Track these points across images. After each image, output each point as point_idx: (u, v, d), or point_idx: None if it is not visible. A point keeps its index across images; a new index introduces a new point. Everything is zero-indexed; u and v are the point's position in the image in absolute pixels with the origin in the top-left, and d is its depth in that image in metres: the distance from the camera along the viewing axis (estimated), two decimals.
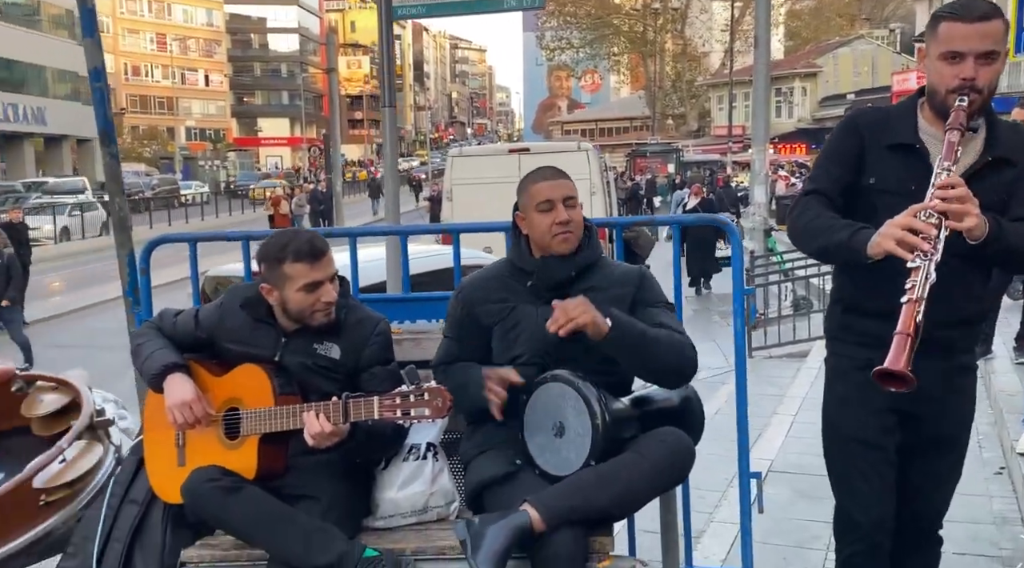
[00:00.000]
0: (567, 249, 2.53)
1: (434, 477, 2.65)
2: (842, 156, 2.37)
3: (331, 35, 36.88)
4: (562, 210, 2.51)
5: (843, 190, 2.35)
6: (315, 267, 2.50)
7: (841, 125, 2.48)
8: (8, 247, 12.44)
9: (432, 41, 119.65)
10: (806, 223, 2.31)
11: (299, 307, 2.53)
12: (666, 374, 2.50)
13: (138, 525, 2.63)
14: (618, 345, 2.37)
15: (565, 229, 2.51)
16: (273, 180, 44.24)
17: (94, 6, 3.69)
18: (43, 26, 42.41)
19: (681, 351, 2.46)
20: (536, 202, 2.52)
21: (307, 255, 2.49)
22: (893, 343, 1.94)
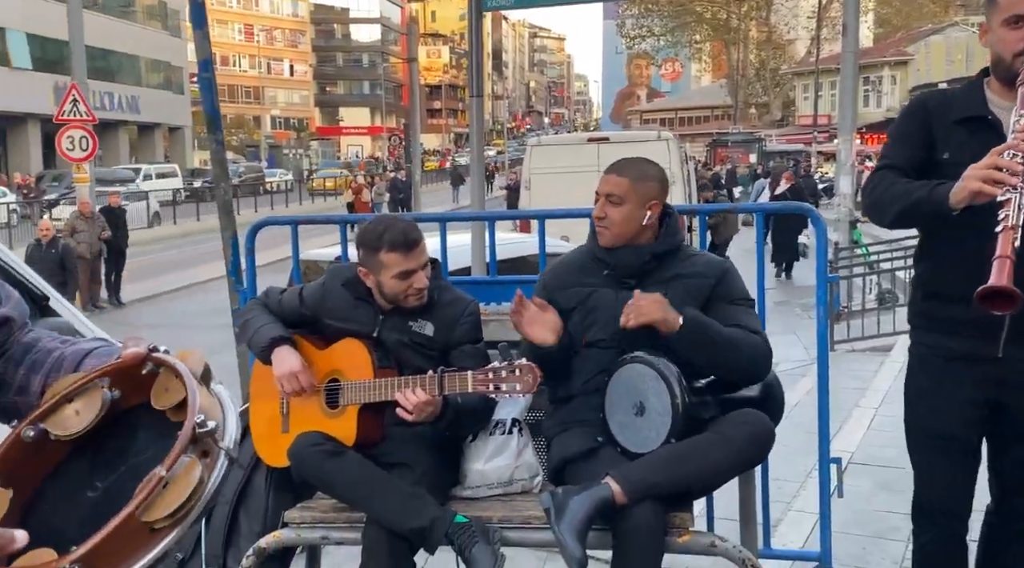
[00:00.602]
0: (603, 243, 2.63)
1: (519, 451, 2.76)
2: (911, 136, 2.37)
3: (412, 25, 37.30)
4: (600, 204, 2.61)
5: (916, 166, 2.33)
6: (408, 257, 2.63)
7: (907, 107, 2.48)
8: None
9: (511, 30, 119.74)
10: (882, 192, 2.30)
11: (393, 292, 2.67)
12: (737, 375, 2.56)
13: (243, 488, 2.81)
14: (688, 343, 2.45)
15: (600, 224, 2.62)
16: (333, 170, 44.57)
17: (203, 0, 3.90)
18: (137, 17, 43.95)
19: (754, 354, 2.51)
20: (597, 192, 2.63)
21: (401, 245, 2.62)
22: (994, 266, 1.90)
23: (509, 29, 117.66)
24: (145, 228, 24.14)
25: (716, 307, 2.58)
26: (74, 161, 14.07)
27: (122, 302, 14.13)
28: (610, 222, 2.61)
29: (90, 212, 13.51)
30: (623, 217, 2.59)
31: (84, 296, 13.36)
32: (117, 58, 41.44)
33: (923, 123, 2.36)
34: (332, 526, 2.59)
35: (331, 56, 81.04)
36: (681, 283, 2.58)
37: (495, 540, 2.43)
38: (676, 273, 2.61)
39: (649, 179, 2.62)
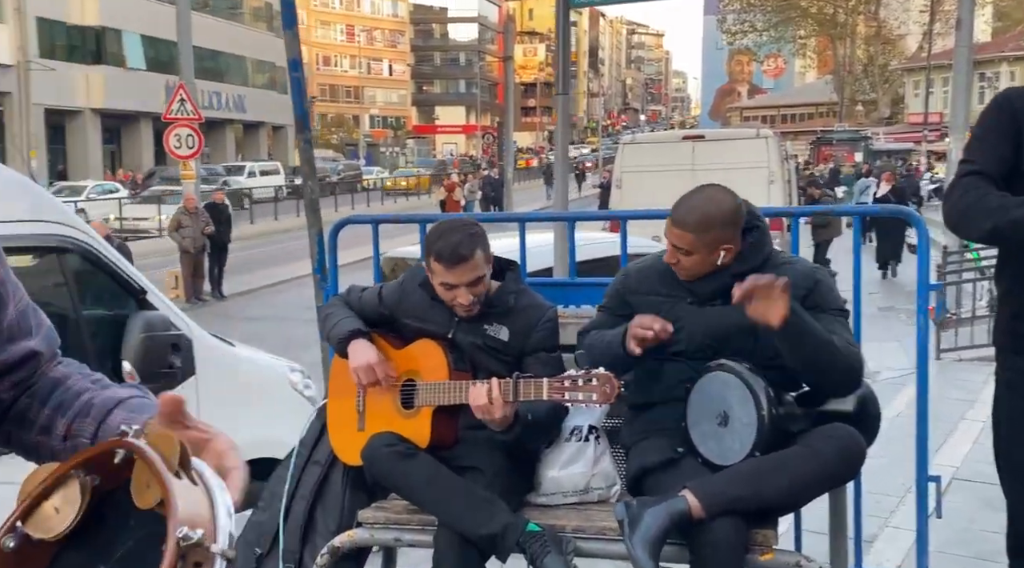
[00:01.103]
0: (681, 277, 2.52)
1: (596, 459, 2.69)
2: (1000, 134, 2.18)
3: (509, 23, 37.45)
4: (670, 252, 2.50)
5: (1006, 170, 2.14)
6: (451, 271, 2.57)
7: (992, 103, 2.28)
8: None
9: (608, 27, 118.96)
10: (971, 203, 2.12)
11: (442, 298, 2.64)
12: (831, 380, 2.43)
13: (320, 485, 2.83)
14: (792, 337, 2.31)
15: (673, 267, 2.51)
16: (410, 169, 45.05)
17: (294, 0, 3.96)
18: (244, 19, 45.49)
19: (849, 361, 2.38)
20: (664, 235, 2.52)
21: (446, 259, 2.57)
22: None
23: (606, 26, 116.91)
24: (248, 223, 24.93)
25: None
26: (180, 158, 14.62)
27: (224, 295, 14.62)
28: (683, 268, 2.51)
29: (194, 207, 14.01)
30: (694, 264, 2.48)
31: (188, 289, 13.87)
32: (225, 59, 42.96)
33: (1011, 122, 2.17)
34: (405, 528, 2.58)
35: (429, 55, 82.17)
36: None
37: (568, 550, 2.38)
38: None
39: (714, 226, 2.42)
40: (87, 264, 3.76)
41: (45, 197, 4.14)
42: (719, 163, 9.98)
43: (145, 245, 19.63)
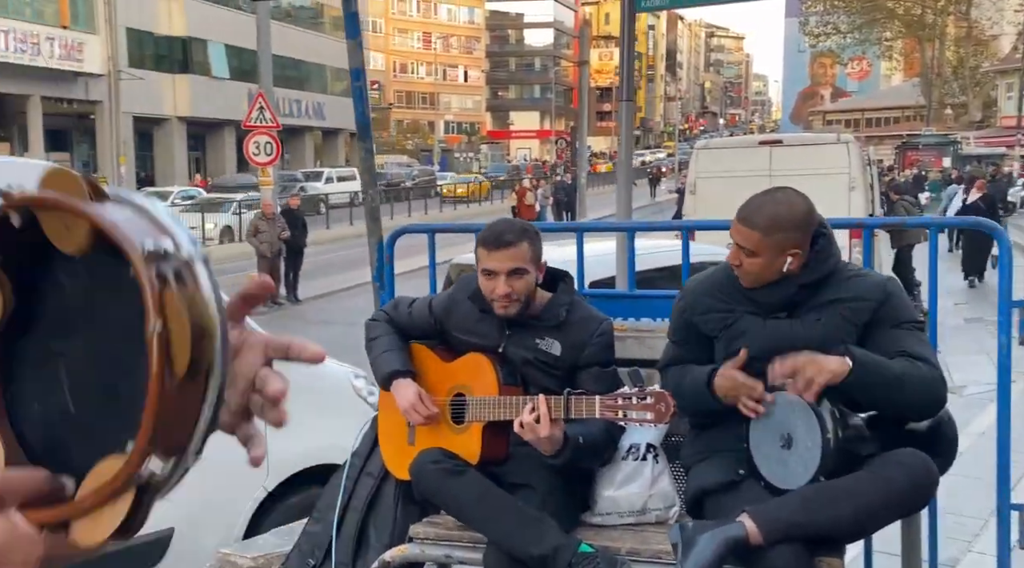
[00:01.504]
0: (744, 284, 2.42)
1: (654, 479, 2.61)
2: None
3: (584, 28, 37.37)
4: (733, 252, 2.39)
5: None
6: (491, 255, 2.53)
7: None
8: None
9: (687, 30, 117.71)
10: None
11: (484, 292, 2.58)
12: (909, 411, 2.31)
13: (373, 498, 2.81)
14: (855, 387, 2.21)
15: (736, 270, 2.41)
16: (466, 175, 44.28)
17: (357, 10, 3.97)
18: (325, 28, 46.39)
19: (927, 388, 2.25)
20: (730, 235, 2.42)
21: (488, 241, 2.54)
22: None
23: (684, 29, 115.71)
24: (324, 228, 25.39)
25: (879, 332, 2.33)
26: (259, 165, 14.95)
27: (299, 299, 14.89)
28: (745, 271, 2.39)
29: (272, 213, 14.31)
30: (759, 268, 2.35)
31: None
32: (306, 67, 43.91)
33: None
34: (456, 545, 2.53)
35: (504, 61, 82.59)
36: (838, 308, 2.35)
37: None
38: (833, 297, 2.36)
39: (783, 228, 2.30)
40: None
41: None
42: (797, 169, 9.70)
43: (226, 249, 20.16)
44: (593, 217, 27.71)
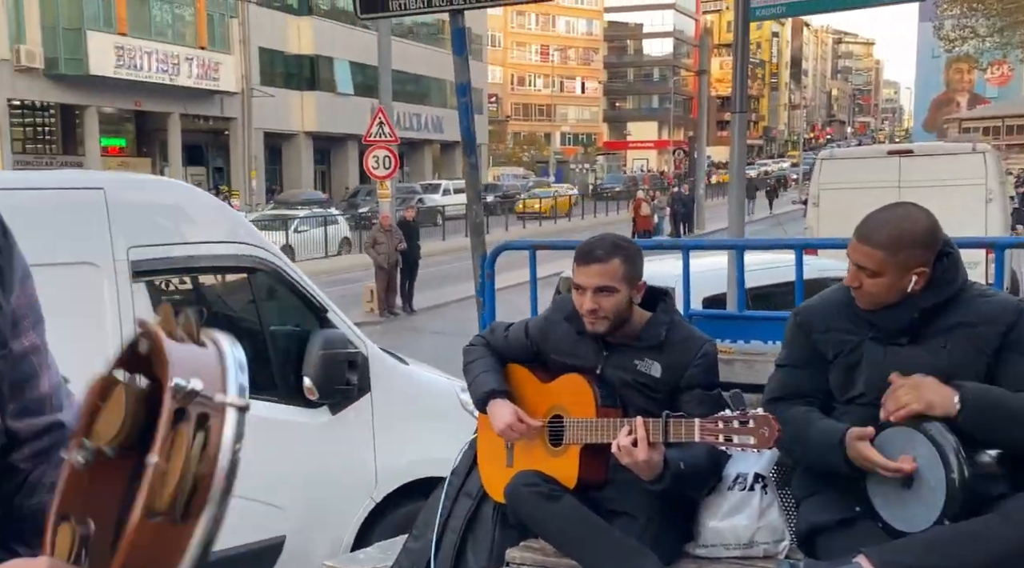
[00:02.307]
0: (861, 306, 2.26)
1: (762, 511, 2.48)
2: None
3: (705, 37, 36.76)
4: (852, 273, 2.23)
5: None
6: (580, 270, 2.48)
7: None
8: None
9: (813, 37, 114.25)
10: None
11: (576, 305, 2.52)
12: None
13: (471, 518, 2.78)
14: (976, 426, 2.05)
15: (855, 292, 2.26)
16: (546, 188, 41.37)
17: (464, 27, 3.98)
18: (445, 43, 47.30)
19: None
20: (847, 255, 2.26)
21: (579, 256, 2.49)
22: None
23: (811, 36, 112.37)
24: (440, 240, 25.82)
25: (1010, 359, 2.14)
26: (377, 178, 15.33)
27: (413, 309, 15.16)
28: (865, 293, 2.23)
29: (389, 225, 14.64)
30: (880, 289, 2.20)
31: (381, 303, 14.49)
32: (426, 82, 44.92)
33: None
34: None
35: (622, 72, 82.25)
36: (965, 332, 2.16)
37: None
38: (959, 321, 2.18)
39: (907, 246, 2.14)
40: (276, 283, 3.97)
41: (241, 221, 4.41)
42: (929, 180, 9.21)
43: (345, 260, 20.74)
44: (712, 230, 27.17)
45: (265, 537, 3.81)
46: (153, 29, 30.46)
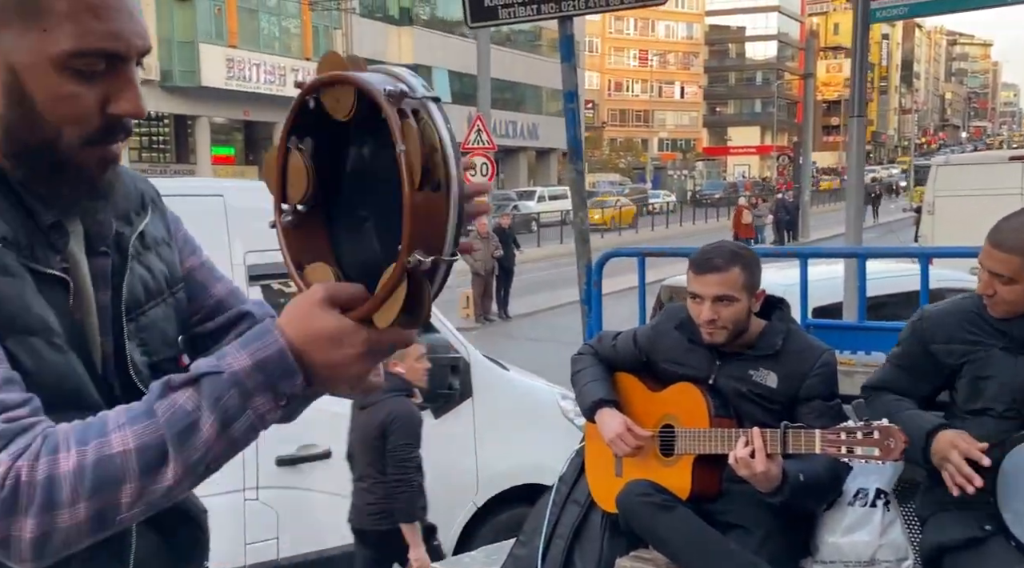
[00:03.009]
0: (994, 314, 2.19)
1: (884, 528, 2.40)
2: None
3: (811, 39, 35.87)
4: (986, 281, 2.15)
5: None
6: (697, 279, 2.45)
7: None
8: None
9: (925, 38, 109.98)
10: None
11: (692, 314, 2.48)
12: None
13: (579, 526, 2.76)
14: None
15: (988, 300, 2.19)
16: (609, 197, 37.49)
17: (573, 34, 3.98)
18: (543, 50, 47.49)
19: None
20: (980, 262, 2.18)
21: (697, 264, 2.46)
22: None
23: (923, 37, 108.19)
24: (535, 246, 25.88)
25: None
26: None
27: (509, 316, 15.23)
28: (1001, 300, 2.16)
29: (486, 232, 14.76)
30: (1016, 296, 2.14)
31: (477, 309, 14.61)
32: (522, 89, 45.16)
33: None
34: None
35: (723, 76, 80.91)
36: None
37: None
38: None
39: None
40: None
41: None
42: None
43: None
44: (817, 238, 26.38)
45: None
46: (261, 41, 31.57)
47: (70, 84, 0.97)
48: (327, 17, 33.80)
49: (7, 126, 0.99)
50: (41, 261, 1.00)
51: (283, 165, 0.94)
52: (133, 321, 1.09)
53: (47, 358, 0.97)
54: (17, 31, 0.95)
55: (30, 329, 0.96)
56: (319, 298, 0.90)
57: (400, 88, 0.87)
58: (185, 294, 1.20)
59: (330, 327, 0.89)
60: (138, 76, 1.03)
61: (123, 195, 1.13)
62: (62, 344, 0.99)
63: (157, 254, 1.16)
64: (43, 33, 0.94)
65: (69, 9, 0.94)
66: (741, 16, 79.04)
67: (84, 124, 0.99)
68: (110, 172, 1.05)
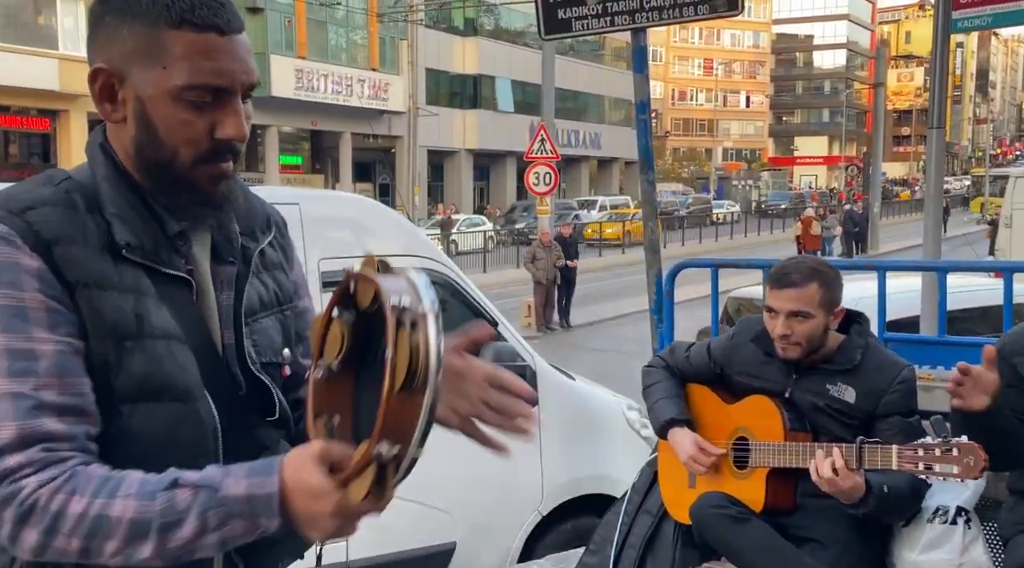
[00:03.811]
0: None
1: (965, 547, 2.34)
2: None
3: (881, 48, 35.19)
4: None
5: None
6: (773, 293, 2.43)
7: None
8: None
9: (1002, 46, 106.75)
10: None
11: (768, 328, 2.46)
12: None
13: (651, 536, 2.76)
14: None
15: None
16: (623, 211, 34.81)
17: (646, 44, 3.98)
18: (605, 59, 47.47)
19: None
20: None
21: (775, 278, 2.44)
22: None
23: (999, 46, 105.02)
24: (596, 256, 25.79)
25: None
26: (538, 194, 15.52)
27: (570, 325, 15.22)
28: None
29: (549, 241, 14.78)
30: None
31: (539, 318, 14.63)
32: (584, 98, 45.13)
33: None
34: None
35: (790, 85, 79.73)
36: None
37: None
38: None
39: None
40: (450, 296, 4.09)
41: (418, 235, 4.58)
42: None
43: (506, 275, 21.08)
44: (886, 250, 25.76)
45: (439, 542, 3.92)
46: (329, 52, 32.13)
47: (184, 113, 1.14)
48: (393, 28, 34.25)
49: (138, 146, 1.18)
50: (167, 264, 1.19)
51: (325, 331, 1.10)
52: (247, 325, 1.27)
53: (163, 357, 1.15)
54: (143, 69, 1.14)
55: (152, 334, 1.14)
56: (314, 453, 1.04)
57: (404, 304, 1.02)
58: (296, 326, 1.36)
59: (313, 483, 1.02)
60: (243, 106, 1.19)
61: (250, 215, 1.31)
62: (180, 346, 1.17)
63: (272, 275, 1.34)
64: (163, 70, 1.13)
65: (184, 52, 1.13)
66: (809, 25, 77.82)
67: (196, 146, 1.16)
68: (223, 186, 1.20)
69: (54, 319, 1.08)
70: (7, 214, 1.11)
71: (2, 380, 1.05)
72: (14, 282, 1.08)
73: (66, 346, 1.09)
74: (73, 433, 1.08)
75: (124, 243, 1.14)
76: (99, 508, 1.03)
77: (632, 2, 3.76)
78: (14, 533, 1.04)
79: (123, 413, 1.12)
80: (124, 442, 1.12)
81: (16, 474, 1.04)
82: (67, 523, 1.04)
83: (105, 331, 1.11)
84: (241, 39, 1.19)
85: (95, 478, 1.06)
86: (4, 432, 1.04)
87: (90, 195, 1.16)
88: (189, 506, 1.03)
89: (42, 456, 1.05)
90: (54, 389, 1.07)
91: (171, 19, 1.13)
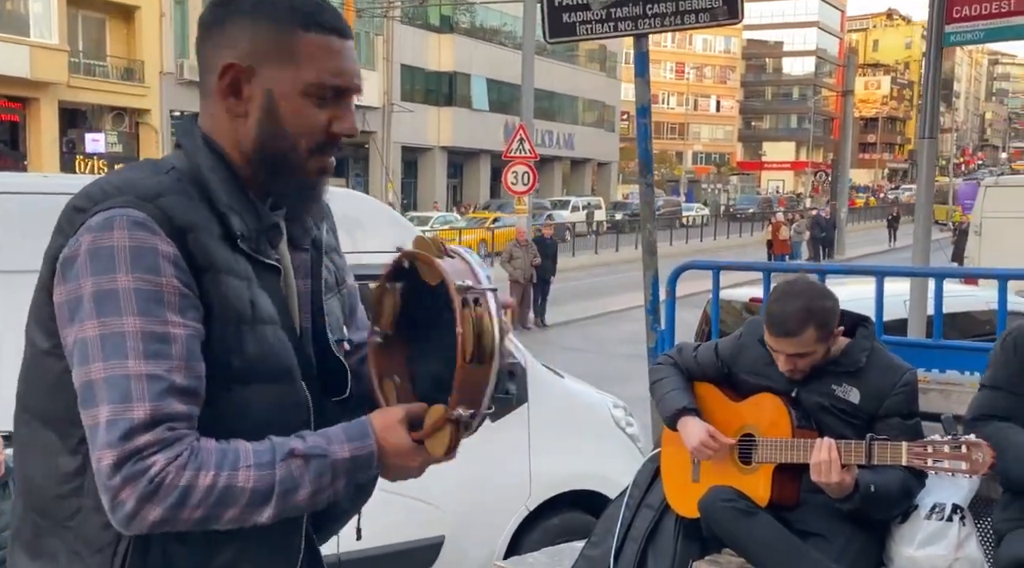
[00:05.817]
0: None
1: (960, 542, 2.43)
2: None
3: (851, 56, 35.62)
4: None
5: None
6: (773, 338, 2.50)
7: None
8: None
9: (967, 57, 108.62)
10: None
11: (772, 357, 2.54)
12: None
13: (652, 530, 2.82)
14: None
15: None
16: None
17: (647, 50, 4.04)
18: (580, 61, 47.57)
19: None
20: None
21: (772, 325, 2.49)
22: None
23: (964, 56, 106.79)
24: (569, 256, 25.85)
25: None
26: (516, 194, 15.56)
27: (546, 324, 15.28)
28: None
29: (525, 240, 14.83)
30: None
31: (515, 317, 14.66)
32: (559, 99, 45.21)
33: None
34: None
35: (759, 91, 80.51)
36: None
37: None
38: None
39: None
40: None
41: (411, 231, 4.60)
42: None
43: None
44: (852, 255, 26.15)
45: (427, 536, 3.95)
46: None
47: (309, 107, 1.26)
48: (369, 23, 34.06)
49: (261, 136, 1.26)
50: (263, 253, 1.29)
51: (380, 300, 1.26)
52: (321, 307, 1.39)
53: (271, 341, 1.25)
54: (276, 66, 1.25)
55: (261, 319, 1.24)
56: (400, 418, 1.23)
57: (468, 284, 1.17)
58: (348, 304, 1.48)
59: (402, 443, 1.22)
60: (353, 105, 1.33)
61: None
62: (280, 330, 1.27)
63: (331, 258, 1.44)
64: (296, 68, 1.25)
65: (314, 52, 1.26)
66: (779, 31, 78.63)
67: (313, 137, 1.27)
68: (324, 179, 1.32)
69: (185, 304, 1.15)
70: (139, 201, 1.15)
71: (140, 361, 1.11)
72: (153, 267, 1.13)
73: (193, 331, 1.16)
74: (191, 413, 1.15)
75: (240, 233, 1.23)
76: (226, 480, 1.13)
77: (635, 8, 3.82)
78: (135, 510, 1.10)
79: (235, 391, 1.21)
80: (231, 417, 1.20)
81: (144, 452, 1.10)
82: (196, 496, 1.11)
83: (229, 315, 1.19)
84: (352, 44, 1.31)
85: (214, 452, 1.14)
86: (138, 412, 1.10)
87: (199, 185, 1.22)
88: (304, 473, 1.16)
89: (167, 435, 1.12)
90: (182, 372, 1.14)
91: (302, 22, 1.24)
